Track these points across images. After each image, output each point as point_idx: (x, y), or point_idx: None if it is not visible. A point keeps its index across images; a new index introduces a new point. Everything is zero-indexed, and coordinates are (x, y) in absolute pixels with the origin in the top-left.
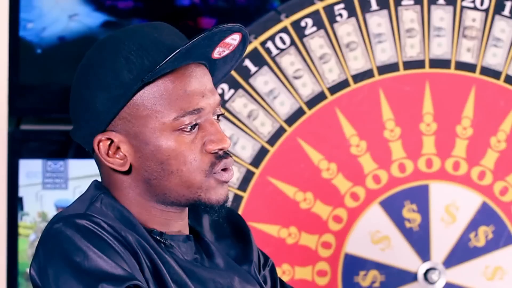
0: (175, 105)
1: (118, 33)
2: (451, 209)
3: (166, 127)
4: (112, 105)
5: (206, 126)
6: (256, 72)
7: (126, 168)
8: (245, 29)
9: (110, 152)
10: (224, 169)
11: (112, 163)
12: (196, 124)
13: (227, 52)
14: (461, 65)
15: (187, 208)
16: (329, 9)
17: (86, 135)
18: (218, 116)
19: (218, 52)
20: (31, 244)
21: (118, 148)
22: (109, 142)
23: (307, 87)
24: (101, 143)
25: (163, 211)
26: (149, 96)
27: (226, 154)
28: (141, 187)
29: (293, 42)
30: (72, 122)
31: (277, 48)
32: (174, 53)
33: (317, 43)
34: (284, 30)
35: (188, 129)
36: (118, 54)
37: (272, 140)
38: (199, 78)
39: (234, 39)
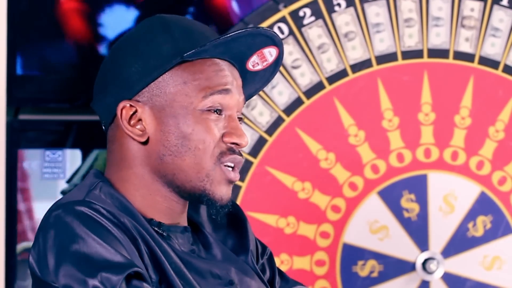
0: (205, 84)
1: (165, 15)
2: (450, 199)
3: (195, 106)
4: (146, 75)
5: (229, 120)
6: None
7: (144, 139)
8: (282, 47)
9: (131, 121)
10: (232, 167)
11: (131, 132)
12: (222, 111)
13: (259, 67)
14: (459, 55)
15: (187, 203)
16: None
17: (111, 102)
18: (239, 119)
19: (252, 63)
20: None
21: (139, 120)
22: (132, 111)
23: (306, 77)
24: (124, 110)
25: (166, 198)
26: (182, 73)
27: (239, 153)
28: (153, 164)
29: (291, 32)
30: (95, 91)
31: None
32: (220, 37)
33: (315, 33)
34: (283, 20)
35: (214, 111)
36: (164, 30)
37: (270, 130)
38: (232, 73)
39: (271, 54)
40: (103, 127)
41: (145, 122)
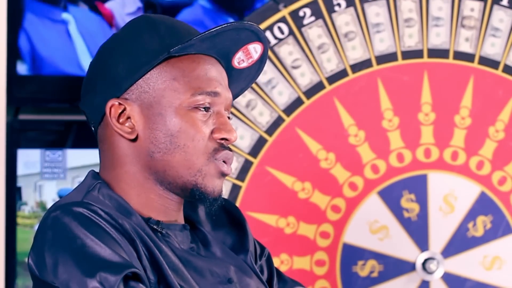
0: (195, 83)
1: (151, 15)
2: (450, 199)
3: (182, 102)
4: (134, 72)
5: (218, 116)
6: None
7: (133, 136)
8: (267, 43)
9: (120, 119)
10: (224, 161)
11: (120, 129)
12: (209, 108)
13: (245, 64)
14: (459, 55)
15: (182, 200)
16: None
17: (100, 101)
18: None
19: (238, 60)
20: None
21: (128, 118)
22: (121, 109)
23: (306, 77)
24: (112, 108)
25: (160, 196)
26: (171, 69)
27: (229, 149)
28: (143, 162)
29: (291, 32)
30: (83, 93)
31: (276, 38)
32: (206, 31)
33: (315, 32)
34: (283, 19)
35: (203, 109)
36: (149, 28)
37: (270, 130)
38: (219, 71)
39: (256, 51)
40: (92, 128)
41: (134, 119)
